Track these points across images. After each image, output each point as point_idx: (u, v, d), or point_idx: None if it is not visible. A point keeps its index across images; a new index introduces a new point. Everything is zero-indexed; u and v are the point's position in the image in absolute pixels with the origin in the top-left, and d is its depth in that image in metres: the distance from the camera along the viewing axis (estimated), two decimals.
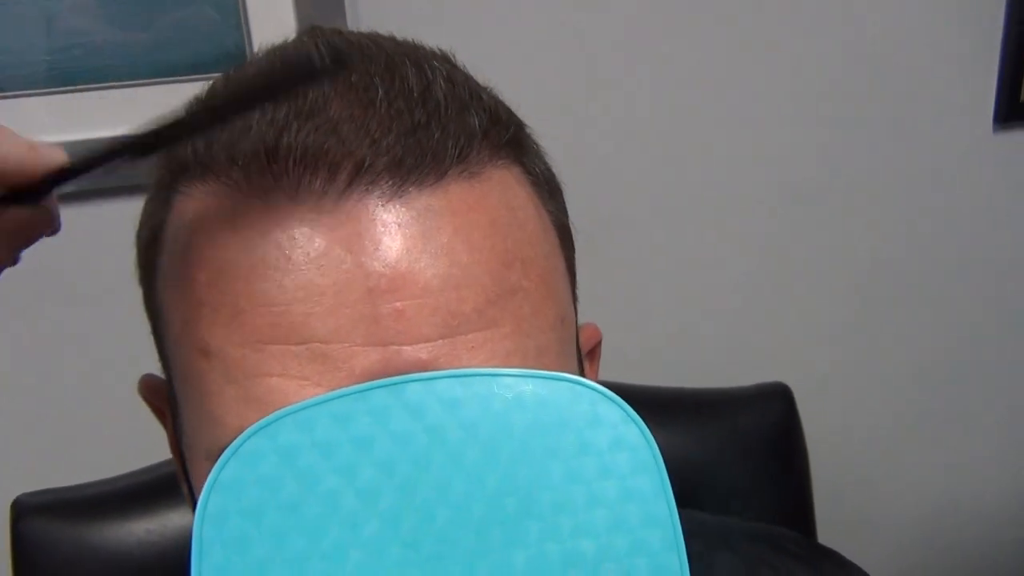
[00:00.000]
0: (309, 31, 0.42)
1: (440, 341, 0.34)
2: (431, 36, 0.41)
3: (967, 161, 1.09)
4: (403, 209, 0.35)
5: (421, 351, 0.34)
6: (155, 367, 0.44)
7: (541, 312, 0.37)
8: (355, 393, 0.33)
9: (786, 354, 1.04)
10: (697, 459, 0.77)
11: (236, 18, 0.92)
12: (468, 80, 0.40)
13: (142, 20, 0.89)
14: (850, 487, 1.10)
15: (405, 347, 0.34)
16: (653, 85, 0.98)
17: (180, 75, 0.91)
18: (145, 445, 0.72)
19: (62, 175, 0.33)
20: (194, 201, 0.37)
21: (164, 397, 0.44)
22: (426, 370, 0.34)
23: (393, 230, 0.34)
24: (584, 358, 0.48)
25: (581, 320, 0.50)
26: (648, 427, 0.83)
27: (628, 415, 0.35)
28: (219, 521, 0.32)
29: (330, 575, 0.32)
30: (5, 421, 0.89)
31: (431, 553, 0.33)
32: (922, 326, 1.12)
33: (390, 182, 0.35)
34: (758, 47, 0.99)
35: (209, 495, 0.32)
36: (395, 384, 0.33)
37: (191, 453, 0.40)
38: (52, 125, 0.87)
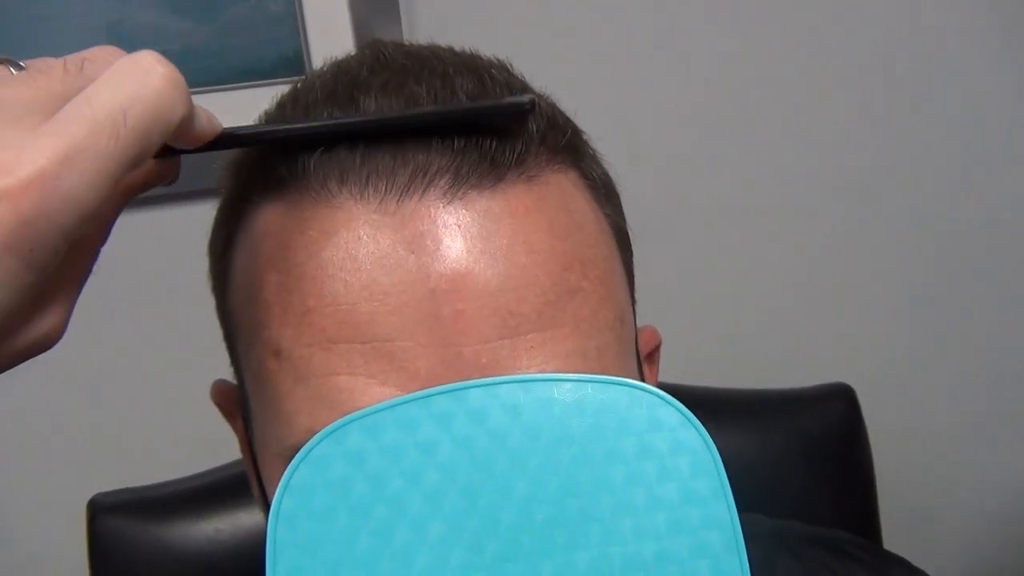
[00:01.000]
0: (371, 45, 0.43)
1: (500, 342, 0.35)
2: (484, 40, 0.42)
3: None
4: (463, 211, 0.36)
5: (481, 353, 0.35)
6: (227, 370, 0.46)
7: (600, 313, 0.38)
8: (419, 399, 0.34)
9: (848, 354, 1.03)
10: (757, 462, 0.76)
11: (293, 24, 0.94)
12: (525, 87, 0.40)
13: (203, 22, 0.91)
14: (916, 490, 1.08)
15: (466, 348, 0.35)
16: (706, 83, 0.98)
17: (237, 82, 0.93)
18: (216, 446, 0.74)
19: (216, 144, 0.34)
20: (264, 209, 0.39)
21: (235, 401, 0.46)
22: (486, 371, 0.35)
23: (453, 231, 0.35)
24: (643, 360, 0.49)
25: (640, 323, 0.50)
26: (707, 430, 0.83)
27: (687, 419, 0.35)
28: (292, 523, 0.33)
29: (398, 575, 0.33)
30: (82, 422, 0.92)
31: (495, 555, 0.33)
32: (990, 322, 1.10)
33: (450, 184, 0.36)
34: (812, 38, 0.98)
35: (282, 498, 0.33)
36: (457, 390, 0.34)
37: (263, 453, 0.41)
38: None
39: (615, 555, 0.34)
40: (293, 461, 0.33)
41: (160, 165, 0.34)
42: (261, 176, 0.39)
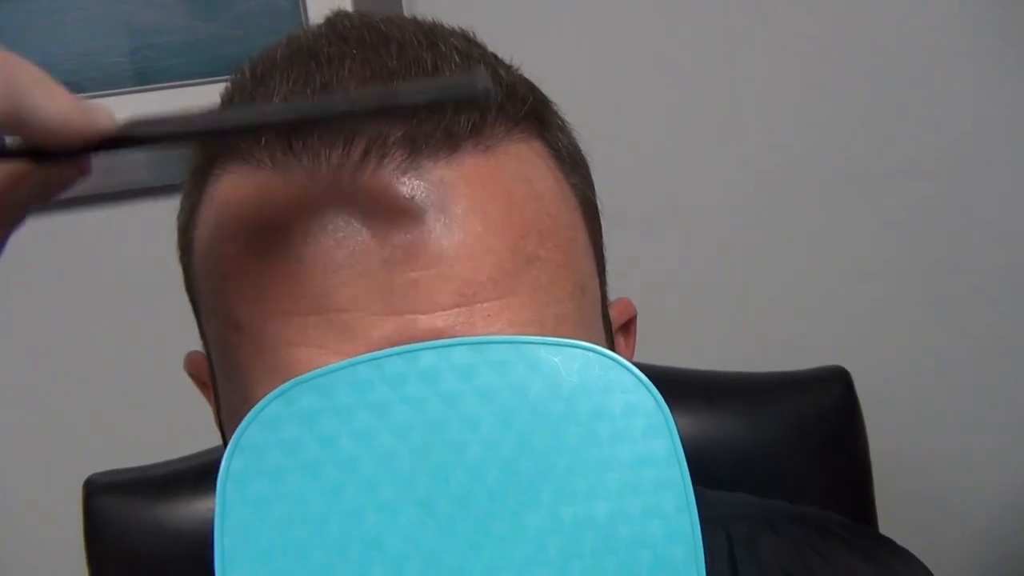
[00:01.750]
0: (335, 16, 0.43)
1: (455, 310, 0.35)
2: (484, 22, 0.41)
3: None
4: (418, 181, 0.36)
5: (436, 319, 0.35)
6: None
7: (558, 281, 0.37)
8: (370, 360, 0.34)
9: (844, 336, 1.02)
10: (751, 445, 0.76)
11: (297, 17, 0.94)
12: (485, 56, 0.40)
13: (210, 12, 0.92)
14: (913, 474, 1.07)
15: (420, 316, 0.35)
16: (711, 71, 0.97)
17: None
18: (213, 425, 0.75)
19: (106, 144, 0.30)
20: (223, 180, 0.39)
21: (206, 371, 0.46)
22: (441, 338, 0.35)
23: (408, 202, 0.35)
24: (617, 332, 0.48)
25: (637, 305, 0.50)
26: (702, 413, 0.82)
27: (640, 381, 0.35)
28: (241, 482, 0.33)
29: (348, 534, 0.33)
30: (77, 401, 0.93)
31: (445, 514, 0.33)
32: (988, 303, 1.09)
33: (404, 154, 0.36)
34: (813, 34, 0.98)
35: (232, 457, 0.33)
36: (410, 352, 0.34)
37: (228, 423, 0.41)
38: None
39: (566, 515, 0.34)
40: (243, 421, 0.34)
41: (46, 172, 0.31)
42: (222, 146, 0.39)
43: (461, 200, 0.36)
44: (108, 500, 0.75)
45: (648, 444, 0.34)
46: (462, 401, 0.34)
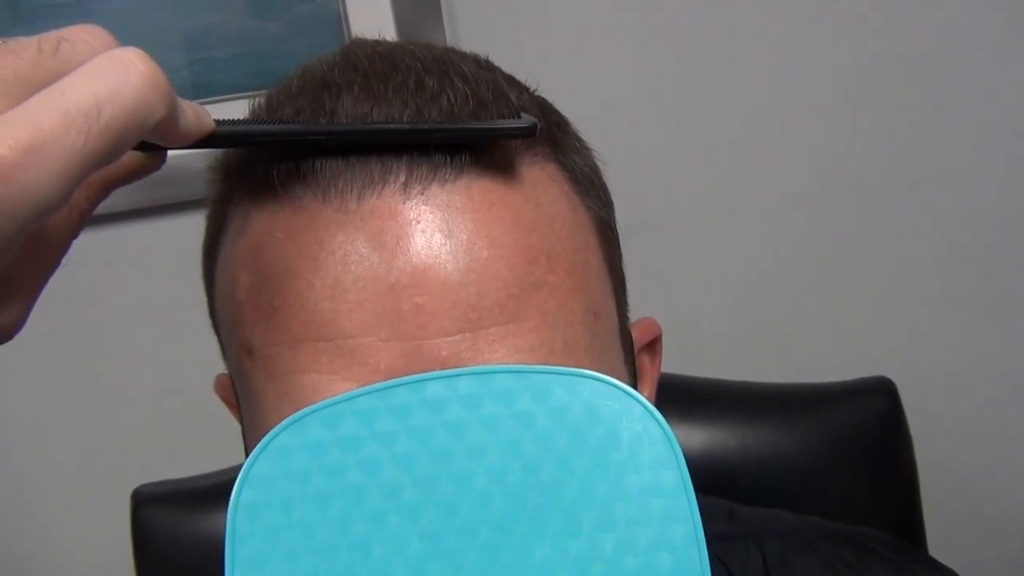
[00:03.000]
0: (349, 44, 0.43)
1: (461, 335, 0.35)
2: (526, 41, 0.42)
3: None
4: (423, 206, 0.36)
5: (442, 346, 0.35)
6: None
7: (568, 306, 0.37)
8: (377, 391, 0.34)
9: (889, 345, 1.00)
10: (792, 459, 0.75)
11: (337, 20, 0.95)
12: (496, 81, 0.40)
13: (237, 32, 0.94)
14: (963, 490, 1.04)
15: (426, 342, 0.35)
16: (744, 78, 0.96)
17: None
18: None
19: (205, 143, 0.33)
20: (240, 210, 0.40)
21: (233, 393, 0.47)
22: (447, 364, 0.35)
23: (413, 226, 0.36)
24: (642, 352, 0.48)
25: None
26: (741, 425, 0.81)
27: (648, 410, 0.34)
28: (251, 513, 0.34)
29: (355, 566, 0.33)
30: (126, 413, 0.95)
31: (451, 547, 0.33)
32: None
33: (409, 179, 0.36)
34: (821, 33, 0.96)
35: (241, 488, 0.34)
36: (415, 382, 0.34)
37: (249, 446, 0.42)
38: None
39: (573, 547, 0.34)
40: (253, 452, 0.34)
41: (144, 159, 0.34)
42: (238, 178, 0.40)
43: (467, 225, 0.36)
44: (156, 511, 0.77)
45: (656, 474, 0.34)
46: (468, 431, 0.34)
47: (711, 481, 0.73)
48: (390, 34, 0.95)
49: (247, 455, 0.46)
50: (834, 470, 0.76)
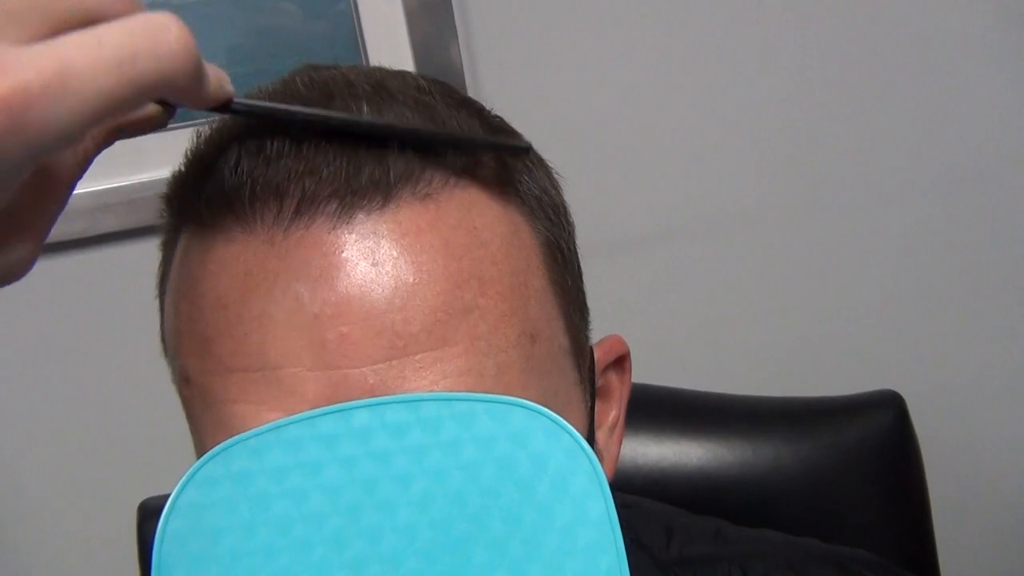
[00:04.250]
0: (305, 68, 0.43)
1: (388, 363, 0.35)
2: (540, 57, 0.41)
3: None
4: (349, 235, 0.36)
5: (368, 374, 0.35)
6: None
7: (500, 330, 0.37)
8: (304, 420, 0.34)
9: (898, 359, 0.98)
10: (797, 475, 0.73)
11: (353, 40, 0.96)
12: (437, 106, 0.40)
13: (255, 43, 0.95)
14: (975, 506, 1.01)
15: (352, 371, 0.35)
16: (730, 87, 0.95)
17: None
18: None
19: (223, 108, 0.34)
20: (182, 243, 0.40)
21: None
22: (374, 393, 0.35)
23: (338, 256, 0.35)
24: (607, 370, 0.47)
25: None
26: (747, 439, 0.79)
27: (577, 443, 0.34)
28: (178, 542, 0.34)
29: None
30: (133, 425, 0.96)
31: None
32: None
33: (336, 208, 0.36)
34: (824, 46, 0.95)
35: (168, 518, 0.34)
36: (342, 411, 0.34)
37: None
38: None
39: None
40: (180, 481, 0.34)
41: (156, 112, 0.34)
42: (181, 210, 0.40)
43: (394, 252, 0.36)
44: None
45: (584, 505, 0.34)
46: (393, 461, 0.34)
47: (709, 498, 0.72)
48: (406, 53, 0.96)
49: None
50: (842, 485, 0.74)
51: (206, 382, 0.37)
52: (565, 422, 0.34)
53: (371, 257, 0.35)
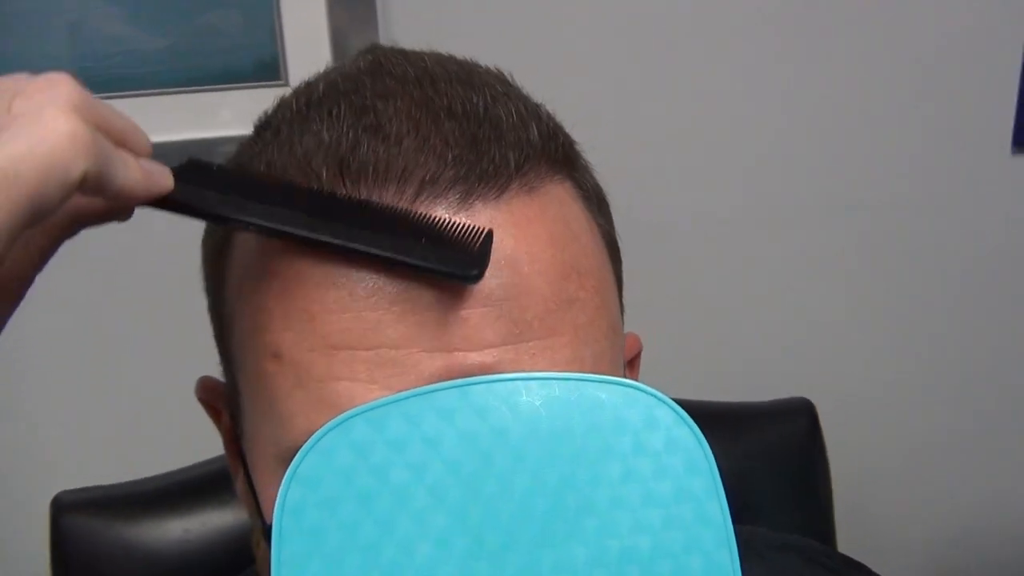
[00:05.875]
0: (370, 49, 0.43)
1: (504, 347, 0.36)
2: (459, 46, 0.42)
3: (987, 184, 1.11)
4: (468, 221, 0.36)
5: (486, 355, 0.36)
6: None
7: (596, 322, 0.39)
8: (424, 394, 0.35)
9: (810, 369, 1.06)
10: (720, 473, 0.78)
11: (270, 28, 0.94)
12: (525, 98, 0.41)
13: (169, 27, 0.92)
14: (873, 505, 1.11)
15: (471, 353, 0.36)
16: (669, 101, 1.00)
17: (216, 84, 0.93)
18: (183, 446, 0.74)
19: (159, 205, 0.34)
20: None
21: (222, 398, 0.46)
22: (490, 373, 0.36)
23: None
24: (625, 366, 0.50)
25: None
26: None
27: (681, 418, 0.36)
28: (297, 512, 0.34)
29: (401, 565, 0.34)
30: (47, 419, 0.91)
31: (496, 545, 0.34)
32: (947, 343, 1.14)
33: (455, 196, 0.37)
34: (777, 73, 1.01)
35: (288, 488, 0.34)
36: (462, 386, 0.35)
37: (254, 451, 0.41)
38: None
39: (612, 548, 0.35)
40: (300, 451, 0.34)
41: (107, 204, 0.34)
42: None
43: (508, 240, 0.37)
44: (76, 519, 0.73)
45: (689, 480, 0.36)
46: (511, 434, 0.35)
47: None
48: (323, 39, 0.95)
49: (235, 461, 0.46)
50: (756, 486, 0.79)
51: (306, 358, 0.36)
52: (667, 398, 0.36)
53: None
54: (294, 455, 0.34)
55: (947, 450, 1.17)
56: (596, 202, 0.43)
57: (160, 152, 0.35)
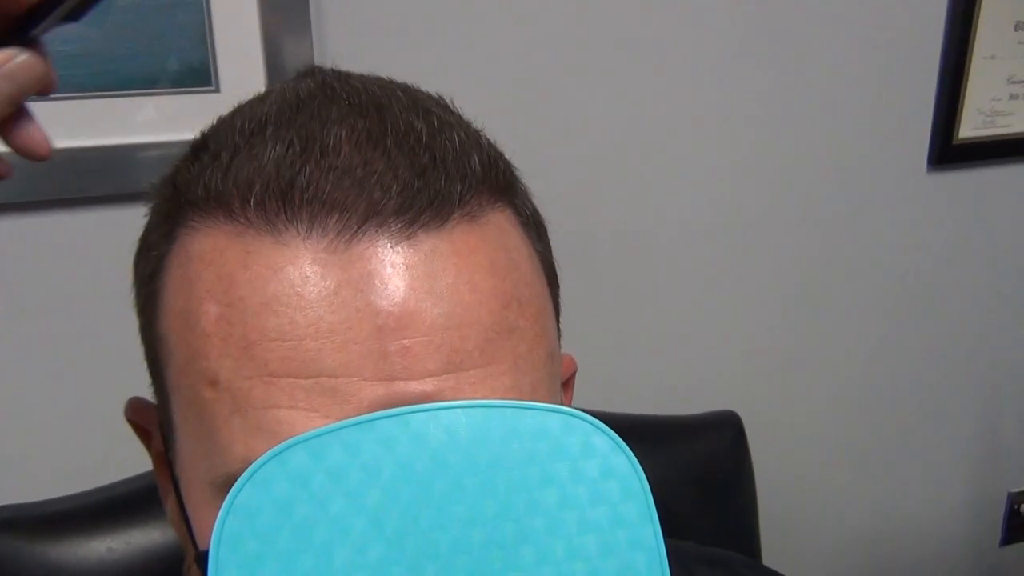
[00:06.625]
0: (311, 72, 0.43)
1: (444, 376, 0.36)
2: (395, 55, 0.42)
3: (903, 200, 1.15)
4: (411, 251, 0.37)
5: (427, 384, 0.36)
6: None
7: (535, 350, 0.39)
8: (364, 423, 0.35)
9: (736, 383, 1.08)
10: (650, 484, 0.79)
11: (201, 34, 0.93)
12: (467, 125, 0.42)
13: (99, 30, 0.89)
14: (794, 512, 1.14)
15: (412, 382, 0.36)
16: (592, 101, 1.01)
17: (141, 88, 0.91)
18: (106, 463, 0.72)
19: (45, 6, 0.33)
20: (202, 236, 0.38)
21: (154, 421, 0.45)
22: (430, 402, 0.36)
23: (401, 271, 0.36)
24: (560, 388, 0.50)
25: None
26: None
27: (618, 445, 0.37)
28: (234, 543, 0.33)
29: None
30: None
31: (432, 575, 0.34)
32: (863, 357, 1.17)
33: (399, 225, 0.37)
34: (711, 85, 1.03)
35: (225, 518, 0.34)
36: (402, 414, 0.35)
37: (188, 478, 0.41)
38: None
39: None
40: (238, 481, 0.34)
41: (26, 56, 0.33)
42: (201, 200, 0.39)
43: (451, 270, 0.37)
44: None
45: (624, 507, 0.37)
46: (449, 462, 0.35)
47: None
48: (255, 44, 0.94)
49: (166, 485, 0.45)
50: (685, 497, 0.81)
51: (244, 386, 0.36)
52: (604, 426, 0.37)
53: (432, 274, 0.37)
54: (231, 483, 0.34)
55: (868, 461, 1.21)
56: (535, 228, 0.44)
57: (79, 157, 0.34)
